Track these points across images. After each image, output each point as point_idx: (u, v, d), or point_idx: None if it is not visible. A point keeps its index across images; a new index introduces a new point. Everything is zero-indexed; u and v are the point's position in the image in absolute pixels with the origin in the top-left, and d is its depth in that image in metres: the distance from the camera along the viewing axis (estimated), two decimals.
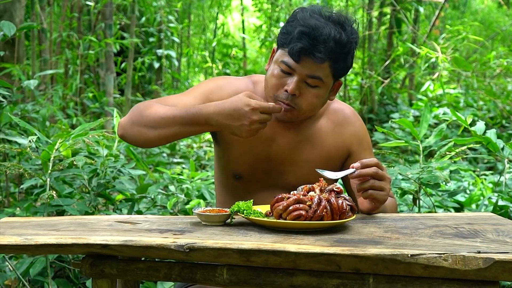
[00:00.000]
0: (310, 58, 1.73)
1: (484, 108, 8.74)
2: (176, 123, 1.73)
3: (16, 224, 1.65)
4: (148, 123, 1.75)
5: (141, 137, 1.78)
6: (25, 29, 3.96)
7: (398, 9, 8.34)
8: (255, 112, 1.65)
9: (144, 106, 1.79)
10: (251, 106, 1.65)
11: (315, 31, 1.71)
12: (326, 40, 1.71)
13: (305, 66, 1.75)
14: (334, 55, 1.74)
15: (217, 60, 11.84)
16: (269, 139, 1.92)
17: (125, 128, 1.80)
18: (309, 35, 1.71)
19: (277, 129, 1.92)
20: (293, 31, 1.74)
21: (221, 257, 1.39)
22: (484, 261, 1.26)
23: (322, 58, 1.73)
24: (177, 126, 1.73)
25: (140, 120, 1.77)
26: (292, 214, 1.50)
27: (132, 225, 1.64)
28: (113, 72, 7.25)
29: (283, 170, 1.94)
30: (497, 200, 2.99)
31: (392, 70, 9.34)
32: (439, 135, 2.67)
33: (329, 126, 1.95)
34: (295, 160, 1.93)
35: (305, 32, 1.71)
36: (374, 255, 1.30)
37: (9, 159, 3.69)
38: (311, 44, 1.71)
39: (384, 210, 1.83)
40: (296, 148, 1.93)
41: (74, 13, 7.58)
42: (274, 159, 1.93)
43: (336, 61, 1.76)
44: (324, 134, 1.94)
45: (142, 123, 1.76)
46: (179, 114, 1.73)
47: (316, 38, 1.71)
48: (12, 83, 5.17)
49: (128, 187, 3.06)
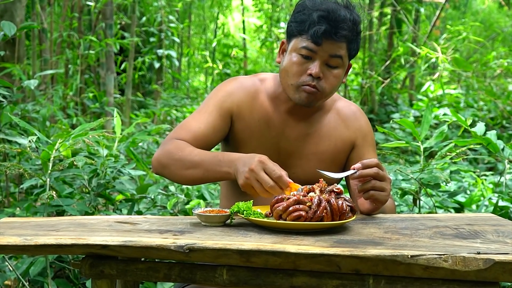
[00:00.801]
0: (331, 39, 1.81)
1: (485, 109, 8.74)
2: (204, 166, 1.80)
3: (16, 224, 1.65)
4: (180, 164, 1.84)
5: (174, 177, 1.87)
6: (26, 29, 3.96)
7: (399, 9, 8.34)
8: (259, 164, 1.65)
9: (179, 147, 1.86)
10: (260, 159, 1.66)
11: (333, 14, 1.80)
12: (344, 20, 1.81)
13: (327, 48, 1.82)
14: (351, 35, 1.84)
15: (218, 60, 11.84)
16: (279, 132, 1.97)
17: (162, 165, 1.88)
18: (328, 18, 1.80)
19: (287, 122, 1.97)
20: (309, 18, 1.82)
21: (221, 258, 1.38)
22: (484, 262, 1.26)
23: (344, 36, 1.82)
24: (202, 170, 1.81)
25: (173, 162, 1.85)
26: (292, 215, 1.50)
27: (132, 225, 1.63)
28: (113, 72, 7.25)
29: (292, 164, 1.98)
30: (498, 200, 2.98)
31: (393, 71, 9.34)
32: (440, 136, 2.66)
33: (336, 120, 2.01)
34: (303, 153, 1.98)
35: (324, 16, 1.80)
36: (374, 256, 1.30)
37: (9, 159, 3.69)
38: (332, 25, 1.80)
39: (383, 211, 1.84)
40: (304, 141, 1.97)
41: (75, 13, 7.58)
42: (283, 152, 1.98)
43: (351, 41, 1.86)
44: (332, 128, 2.00)
45: (175, 165, 1.85)
46: (207, 160, 1.80)
47: (336, 19, 1.80)
48: (12, 83, 5.17)
49: (128, 187, 3.06)
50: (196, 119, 1.96)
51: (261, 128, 1.96)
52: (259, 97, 1.98)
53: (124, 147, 3.31)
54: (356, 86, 10.27)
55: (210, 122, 1.93)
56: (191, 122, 1.95)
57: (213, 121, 1.93)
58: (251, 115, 1.96)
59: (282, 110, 1.97)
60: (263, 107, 1.97)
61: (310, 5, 1.84)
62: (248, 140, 1.97)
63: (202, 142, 1.91)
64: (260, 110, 1.97)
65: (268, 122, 1.96)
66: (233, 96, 1.97)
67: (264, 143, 1.96)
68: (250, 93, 1.98)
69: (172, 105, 9.00)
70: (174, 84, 11.91)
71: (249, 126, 1.96)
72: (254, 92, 1.98)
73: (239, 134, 1.98)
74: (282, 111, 1.97)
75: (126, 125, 6.48)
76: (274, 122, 1.96)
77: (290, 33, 1.89)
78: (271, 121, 1.96)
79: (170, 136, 1.93)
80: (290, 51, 1.88)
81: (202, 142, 1.91)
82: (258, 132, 1.96)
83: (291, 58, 1.86)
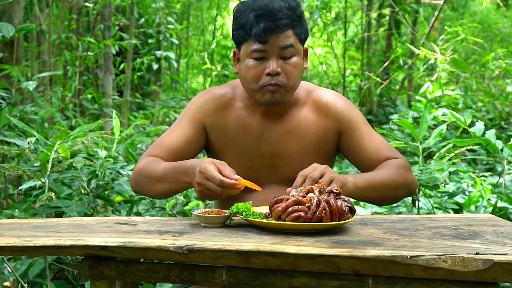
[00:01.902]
0: (274, 32, 1.83)
1: (483, 110, 8.74)
2: (166, 180, 1.85)
3: (15, 226, 1.65)
4: (147, 182, 1.90)
5: (147, 194, 1.96)
6: (24, 30, 3.95)
7: (397, 10, 8.34)
8: (201, 175, 1.67)
9: (143, 166, 1.92)
10: (200, 169, 1.67)
11: (267, 8, 1.82)
12: (280, 10, 1.83)
13: (274, 42, 1.84)
14: (292, 21, 1.85)
15: (216, 61, 11.83)
16: (258, 135, 1.97)
17: (134, 187, 1.97)
18: (264, 14, 1.82)
19: (265, 124, 1.97)
20: (247, 20, 1.84)
21: (220, 259, 1.38)
22: (484, 263, 1.26)
23: (285, 25, 1.83)
24: (167, 183, 1.86)
25: (141, 180, 1.92)
26: (291, 216, 1.50)
27: (131, 226, 1.63)
28: (112, 74, 7.24)
29: (277, 165, 1.98)
30: (496, 201, 2.98)
31: (391, 72, 9.34)
32: (438, 136, 2.67)
33: (313, 112, 2.00)
34: (287, 152, 1.98)
35: (259, 14, 1.82)
36: (374, 257, 1.30)
37: (8, 161, 3.68)
38: (270, 19, 1.82)
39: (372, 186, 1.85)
40: (286, 139, 1.97)
41: (73, 15, 7.57)
42: (266, 155, 1.98)
43: (295, 26, 1.87)
44: (311, 121, 1.99)
45: (144, 183, 1.92)
46: (168, 173, 1.85)
47: (271, 12, 1.82)
48: (11, 84, 5.16)
49: (127, 189, 3.06)
50: (168, 134, 2.00)
51: (238, 135, 1.98)
52: (232, 105, 2.00)
53: (123, 148, 3.31)
54: (354, 88, 10.27)
55: (182, 135, 1.97)
56: (164, 138, 1.99)
57: (185, 134, 1.97)
58: (225, 123, 1.99)
59: (257, 114, 1.98)
60: (238, 114, 1.99)
61: (244, 8, 1.87)
62: (227, 149, 1.99)
63: (174, 155, 1.94)
64: (235, 118, 1.98)
65: (245, 128, 1.97)
66: (203, 107, 2.00)
67: (244, 150, 1.98)
68: (222, 102, 2.00)
69: (170, 107, 9.00)
70: (172, 86, 11.90)
71: (225, 134, 1.99)
72: (226, 101, 2.01)
73: (216, 144, 2.00)
74: (258, 115, 1.98)
75: (125, 127, 6.47)
76: (252, 127, 1.97)
77: (237, 41, 1.92)
78: (248, 127, 1.97)
79: (143, 155, 1.98)
80: (243, 58, 1.90)
81: (174, 156, 1.94)
82: (236, 140, 1.98)
83: (246, 64, 1.88)
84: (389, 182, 1.88)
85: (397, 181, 1.90)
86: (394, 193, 1.92)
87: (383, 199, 1.91)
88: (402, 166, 1.93)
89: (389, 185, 1.88)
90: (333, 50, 10.10)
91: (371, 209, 3.76)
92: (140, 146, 5.57)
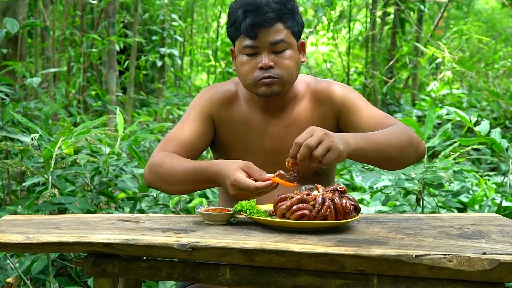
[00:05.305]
0: (263, 27, 1.83)
1: (488, 109, 8.72)
2: (189, 181, 1.83)
3: (18, 222, 1.65)
4: (166, 181, 1.87)
5: (166, 191, 1.94)
6: (28, 26, 3.95)
7: (402, 9, 8.32)
8: (234, 188, 1.66)
9: (160, 162, 1.88)
10: (232, 183, 1.65)
11: (254, 3, 1.83)
12: (267, 4, 1.82)
13: (264, 37, 1.84)
14: (281, 14, 1.85)
15: (220, 59, 11.83)
16: (261, 131, 1.97)
17: (149, 182, 1.93)
18: (251, 10, 1.83)
19: (266, 120, 1.98)
20: (237, 17, 1.86)
21: (224, 257, 1.38)
22: (490, 262, 1.25)
23: (273, 19, 1.83)
24: (190, 185, 1.84)
25: (158, 178, 1.89)
26: (296, 214, 1.49)
27: (134, 223, 1.63)
28: (115, 70, 7.25)
29: (280, 160, 1.94)
30: (501, 201, 2.97)
31: (396, 70, 9.32)
32: (443, 135, 2.65)
33: (311, 103, 1.99)
34: (289, 147, 1.90)
35: (247, 10, 1.83)
36: (379, 256, 1.29)
37: (11, 157, 3.68)
38: (257, 14, 1.82)
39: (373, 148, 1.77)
40: (287, 134, 1.96)
41: (77, 11, 7.58)
42: (268, 151, 1.97)
43: (286, 19, 1.86)
44: (309, 112, 1.98)
45: (161, 181, 1.88)
46: (190, 174, 1.82)
47: (258, 7, 1.82)
48: (15, 80, 5.16)
49: (130, 186, 3.06)
50: (180, 128, 1.99)
51: (242, 131, 1.98)
52: (235, 101, 2.01)
53: (126, 145, 3.30)
54: (359, 86, 10.26)
55: (194, 128, 1.96)
56: (176, 132, 1.98)
57: (197, 127, 1.97)
58: (230, 119, 1.99)
59: (259, 109, 1.98)
60: (241, 110, 1.99)
61: (235, 5, 1.89)
62: (232, 145, 1.99)
63: (188, 149, 1.94)
64: (239, 114, 1.99)
65: (248, 124, 1.98)
66: (211, 101, 2.00)
67: (247, 146, 1.98)
68: (227, 97, 2.01)
69: (174, 104, 9.00)
70: (176, 83, 11.91)
71: (230, 130, 1.99)
72: (231, 96, 2.01)
73: (222, 140, 2.01)
74: (259, 110, 1.98)
75: (128, 123, 6.48)
76: (254, 122, 1.97)
77: (231, 38, 1.94)
78: (251, 123, 1.97)
79: (156, 149, 1.96)
80: (237, 54, 1.92)
81: (188, 149, 1.94)
82: (240, 136, 1.98)
83: (240, 60, 1.90)
84: (393, 140, 1.80)
85: (401, 139, 1.81)
86: (400, 153, 1.82)
87: (389, 160, 1.82)
88: (405, 127, 1.87)
89: (394, 143, 1.79)
90: (337, 48, 10.09)
91: (375, 208, 3.75)
92: (144, 143, 5.57)
